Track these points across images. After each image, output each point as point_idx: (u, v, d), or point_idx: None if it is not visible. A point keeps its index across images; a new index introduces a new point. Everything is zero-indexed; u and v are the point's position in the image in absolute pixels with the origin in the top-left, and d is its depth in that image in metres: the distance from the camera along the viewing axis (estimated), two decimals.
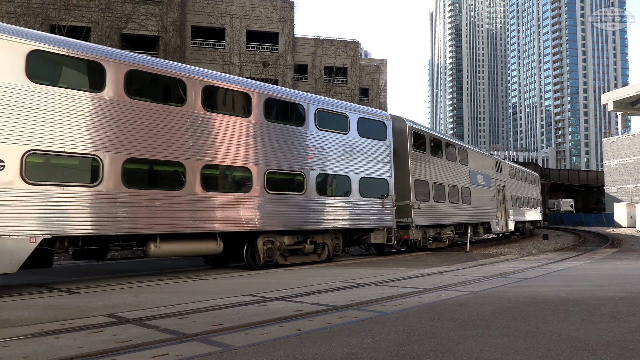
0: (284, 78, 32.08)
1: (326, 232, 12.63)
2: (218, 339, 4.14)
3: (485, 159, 23.51)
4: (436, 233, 17.49)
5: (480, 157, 22.74)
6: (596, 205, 67.06)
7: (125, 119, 8.71)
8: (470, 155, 21.20)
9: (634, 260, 13.65)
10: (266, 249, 10.90)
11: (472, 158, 21.31)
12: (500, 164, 25.87)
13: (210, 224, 9.77)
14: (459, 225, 19.51)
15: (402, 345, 3.86)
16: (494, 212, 23.31)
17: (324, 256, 12.61)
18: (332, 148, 12.77)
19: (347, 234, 13.62)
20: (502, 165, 26.25)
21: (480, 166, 22.13)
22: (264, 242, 10.91)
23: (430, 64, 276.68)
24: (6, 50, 7.61)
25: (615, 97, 53.06)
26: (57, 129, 7.93)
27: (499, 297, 6.25)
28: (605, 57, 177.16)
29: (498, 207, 24.11)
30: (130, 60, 9.09)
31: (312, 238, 12.17)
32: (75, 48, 8.49)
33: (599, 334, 4.16)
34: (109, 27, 27.01)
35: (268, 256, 10.92)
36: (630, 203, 43.77)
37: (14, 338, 4.31)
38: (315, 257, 12.42)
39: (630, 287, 7.19)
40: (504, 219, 25.33)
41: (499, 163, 25.60)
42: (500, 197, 24.70)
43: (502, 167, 26.43)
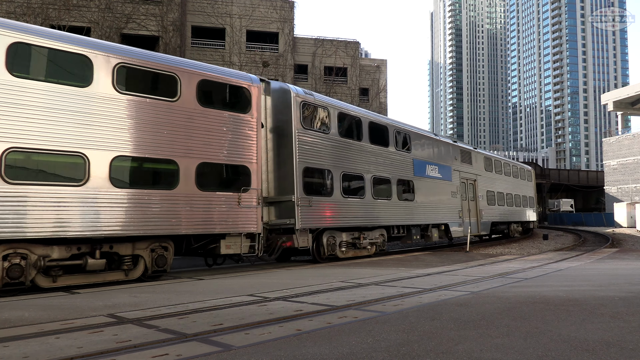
0: (284, 78, 32.08)
1: (141, 240, 9.00)
2: (218, 339, 4.14)
3: (443, 146, 19.21)
4: (353, 238, 13.73)
5: (433, 144, 18.44)
6: (596, 205, 67.06)
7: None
8: (415, 140, 17.02)
9: (634, 260, 13.65)
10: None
11: (419, 144, 17.25)
12: (469, 154, 21.73)
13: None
14: (397, 227, 15.71)
15: (402, 345, 3.86)
16: (457, 211, 19.32)
17: (136, 275, 9.01)
18: (143, 121, 8.92)
19: (183, 241, 9.89)
20: (472, 156, 22.04)
21: (433, 155, 18.13)
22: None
23: (430, 64, 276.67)
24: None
25: (615, 97, 53.06)
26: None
27: (499, 297, 6.25)
28: (605, 57, 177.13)
29: (464, 205, 20.09)
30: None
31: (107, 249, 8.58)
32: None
33: (599, 334, 4.16)
34: (109, 27, 27.01)
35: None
36: (630, 203, 43.76)
37: (14, 338, 4.31)
38: (121, 276, 8.85)
39: (630, 287, 7.19)
40: (476, 219, 21.31)
41: (466, 152, 21.46)
42: (467, 193, 20.68)
43: (473, 157, 22.22)
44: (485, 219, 22.38)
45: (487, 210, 22.67)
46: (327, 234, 12.76)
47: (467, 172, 20.99)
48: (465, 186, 20.56)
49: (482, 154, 23.63)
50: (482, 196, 22.21)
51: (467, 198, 20.64)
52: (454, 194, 19.36)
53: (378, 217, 14.55)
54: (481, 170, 22.68)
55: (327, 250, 12.68)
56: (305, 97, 12.41)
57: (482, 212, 21.99)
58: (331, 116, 13.20)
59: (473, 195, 21.41)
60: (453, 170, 19.61)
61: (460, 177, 20.24)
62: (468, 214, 20.43)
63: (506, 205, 25.67)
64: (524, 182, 29.83)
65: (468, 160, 21.43)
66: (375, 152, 14.79)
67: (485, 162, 23.56)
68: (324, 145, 12.75)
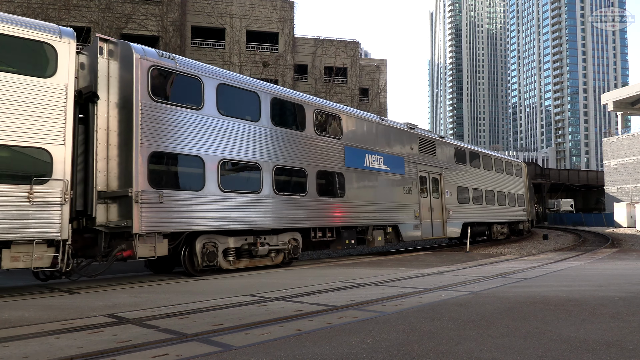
0: (284, 78, 32.10)
1: None
2: (218, 339, 4.14)
3: (393, 133, 15.94)
4: (248, 244, 11.00)
5: (378, 130, 15.24)
6: (596, 205, 67.07)
7: None
8: (349, 124, 14.09)
9: (634, 260, 13.66)
10: None
11: (354, 129, 14.27)
12: (432, 144, 18.35)
13: None
14: (320, 229, 12.81)
15: (402, 345, 3.86)
16: (412, 210, 16.21)
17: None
18: None
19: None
20: (436, 146, 18.65)
21: (377, 143, 15.01)
22: None
23: (430, 64, 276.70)
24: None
25: (615, 97, 53.06)
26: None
27: (499, 297, 6.25)
28: (605, 57, 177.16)
29: (423, 203, 17.01)
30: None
31: None
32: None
33: (599, 334, 4.16)
34: (109, 27, 27.02)
35: None
36: (630, 203, 43.76)
37: (14, 338, 4.31)
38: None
39: (630, 287, 7.19)
40: (441, 219, 18.16)
41: (428, 142, 18.11)
42: (429, 189, 17.63)
43: (439, 148, 18.82)
44: (455, 219, 19.08)
45: (457, 210, 19.34)
46: (204, 239, 9.99)
47: (428, 164, 17.73)
48: (426, 181, 17.48)
49: (451, 144, 20.20)
50: (450, 193, 18.99)
51: (429, 195, 17.54)
52: (408, 190, 16.19)
53: (284, 218, 11.61)
54: (450, 163, 19.41)
55: (201, 261, 9.84)
56: (159, 62, 9.57)
57: (450, 211, 18.78)
58: (206, 88, 10.29)
59: (438, 191, 18.24)
60: (407, 162, 16.34)
61: (419, 170, 17.01)
62: (429, 214, 17.35)
63: (485, 204, 22.20)
64: (512, 178, 26.32)
65: (430, 151, 18.12)
66: (281, 136, 11.82)
67: (457, 154, 20.20)
68: (191, 124, 9.85)
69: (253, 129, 11.23)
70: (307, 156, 12.53)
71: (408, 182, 16.27)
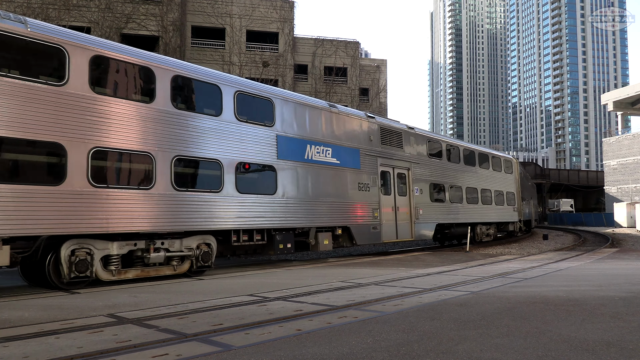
0: (284, 78, 32.11)
1: None
2: (218, 339, 4.14)
3: (345, 121, 14.06)
4: (140, 250, 9.13)
5: (324, 117, 13.37)
6: (596, 205, 67.09)
7: None
8: (284, 109, 12.19)
9: (634, 260, 13.66)
10: None
11: (293, 116, 12.40)
12: (397, 135, 16.11)
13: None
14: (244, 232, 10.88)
15: (402, 345, 3.86)
16: (368, 209, 14.32)
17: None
18: None
19: None
20: (403, 137, 16.39)
21: (324, 132, 13.18)
22: None
23: (430, 64, 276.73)
24: None
25: (615, 97, 53.07)
26: None
27: (499, 297, 6.25)
28: (605, 57, 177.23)
29: (385, 202, 15.04)
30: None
31: None
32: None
33: (599, 334, 4.15)
34: (109, 27, 27.03)
35: None
36: (630, 203, 43.77)
37: (14, 338, 4.31)
38: None
39: (630, 287, 7.18)
40: (409, 220, 16.07)
41: (392, 132, 15.92)
42: (394, 186, 15.59)
43: (406, 139, 16.54)
44: (426, 219, 16.90)
45: (429, 209, 17.20)
46: (73, 244, 8.12)
47: (392, 158, 15.62)
48: (389, 177, 15.46)
49: (424, 135, 17.88)
50: (420, 190, 16.80)
51: (393, 192, 15.54)
52: (365, 187, 14.25)
53: (189, 218, 9.72)
54: (421, 157, 17.20)
55: (68, 271, 7.96)
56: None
57: (420, 210, 16.63)
58: (71, 58, 8.27)
59: (405, 189, 16.13)
60: (364, 155, 14.41)
61: (380, 164, 15.00)
62: (393, 214, 15.37)
63: (466, 203, 19.97)
64: (500, 175, 23.85)
65: (395, 143, 15.93)
66: (182, 122, 9.85)
67: (430, 147, 17.93)
68: (39, 101, 7.78)
69: (141, 111, 9.27)
70: (223, 146, 10.50)
71: (365, 178, 14.30)
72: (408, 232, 16.05)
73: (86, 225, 8.13)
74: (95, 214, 8.23)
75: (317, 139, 13.00)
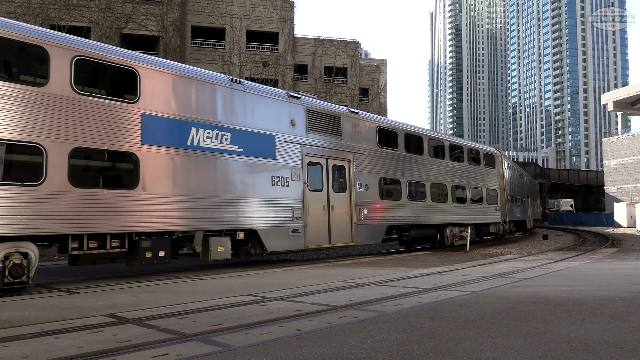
0: (284, 78, 32.12)
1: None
2: (218, 339, 4.14)
3: (256, 102, 11.53)
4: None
5: (222, 96, 10.82)
6: (596, 205, 67.14)
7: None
8: (155, 81, 9.64)
9: (634, 260, 13.66)
10: None
11: (168, 90, 9.79)
12: (335, 119, 13.59)
13: None
14: (90, 236, 8.52)
15: (402, 345, 3.86)
16: (286, 208, 11.87)
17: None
18: None
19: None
20: (343, 122, 13.82)
21: (215, 112, 10.61)
22: None
23: (430, 64, 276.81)
24: None
25: (615, 97, 53.10)
26: None
27: (499, 297, 6.25)
28: (605, 57, 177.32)
29: (314, 199, 12.68)
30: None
31: None
32: None
33: (599, 334, 4.16)
34: (109, 27, 27.04)
35: None
36: (630, 203, 43.79)
37: (14, 338, 4.31)
38: None
39: (630, 287, 7.19)
40: (348, 221, 13.63)
41: (325, 116, 13.36)
42: (328, 181, 13.18)
43: (348, 125, 13.98)
44: (372, 220, 14.41)
45: (376, 208, 14.65)
46: None
47: (325, 147, 13.20)
48: (321, 170, 13.03)
49: (372, 121, 15.13)
50: (366, 186, 14.19)
51: (327, 188, 13.08)
52: (283, 182, 11.83)
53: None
54: (368, 147, 14.56)
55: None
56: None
57: (365, 209, 14.10)
58: None
59: (344, 184, 13.72)
60: (283, 143, 11.94)
61: (307, 154, 12.53)
62: (325, 214, 12.92)
63: (431, 201, 17.18)
64: (479, 169, 20.89)
65: (330, 129, 13.43)
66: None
67: (381, 135, 15.14)
68: None
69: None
70: (47, 124, 8.04)
71: (283, 170, 11.86)
72: (346, 236, 13.52)
73: None
74: None
75: (210, 122, 10.44)
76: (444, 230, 18.20)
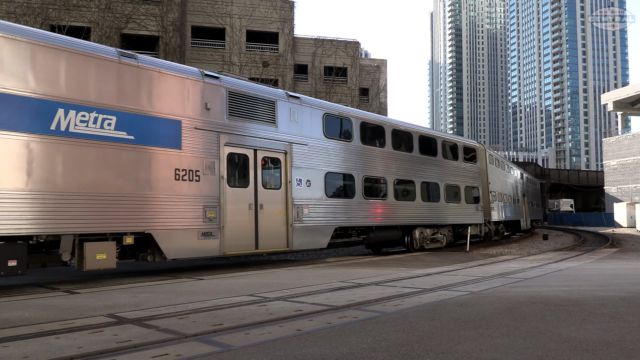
0: (284, 78, 32.12)
1: None
2: (218, 339, 4.14)
3: (155, 78, 9.73)
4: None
5: (101, 69, 9.02)
6: (596, 205, 67.16)
7: None
8: (2, 50, 7.80)
9: (634, 260, 13.66)
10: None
11: (20, 60, 8.01)
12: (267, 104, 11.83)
13: None
14: None
15: (402, 345, 3.86)
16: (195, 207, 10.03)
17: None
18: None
19: None
20: (279, 108, 12.08)
21: (101, 91, 8.95)
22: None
23: (430, 64, 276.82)
24: None
25: (615, 97, 53.10)
26: None
27: (499, 297, 6.25)
28: (605, 57, 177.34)
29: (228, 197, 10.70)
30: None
31: None
32: None
33: (599, 334, 4.16)
34: (109, 27, 27.04)
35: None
36: (630, 203, 43.80)
37: (14, 338, 4.31)
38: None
39: (630, 287, 7.19)
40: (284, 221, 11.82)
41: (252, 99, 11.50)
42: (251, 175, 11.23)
43: (285, 110, 12.23)
44: (316, 221, 12.62)
45: (321, 207, 12.84)
46: None
47: (254, 136, 11.35)
48: (246, 162, 11.22)
49: (316, 107, 13.20)
50: (307, 182, 12.49)
51: (254, 184, 11.27)
52: (192, 175, 10.06)
53: None
54: (311, 137, 12.78)
55: None
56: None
57: (305, 209, 12.42)
58: None
59: (278, 179, 11.95)
60: (192, 130, 10.13)
61: (226, 144, 10.72)
62: (252, 213, 11.11)
63: (394, 199, 15.27)
64: (456, 165, 18.80)
65: (260, 115, 11.62)
66: None
67: (329, 124, 13.40)
68: None
69: None
70: None
71: (191, 162, 10.08)
72: (280, 239, 11.72)
73: None
74: None
75: (86, 102, 8.71)
76: (413, 232, 16.29)
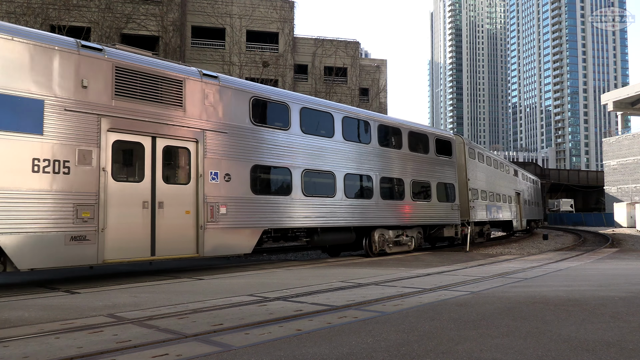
0: (284, 78, 32.11)
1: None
2: (218, 339, 4.14)
3: (6, 49, 7.81)
4: None
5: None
6: (596, 205, 67.15)
7: None
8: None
9: (634, 260, 13.66)
10: None
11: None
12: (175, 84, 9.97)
13: None
14: None
15: (402, 345, 3.86)
16: (55, 206, 8.04)
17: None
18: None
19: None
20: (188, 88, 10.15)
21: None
22: None
23: (430, 64, 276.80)
24: None
25: (615, 97, 53.09)
26: None
27: (499, 297, 6.25)
28: (605, 57, 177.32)
29: (111, 193, 8.83)
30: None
31: None
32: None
33: (599, 334, 4.16)
34: (109, 27, 27.04)
35: None
36: (630, 203, 43.79)
37: (14, 338, 4.31)
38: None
39: (630, 287, 7.19)
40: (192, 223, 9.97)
41: (152, 77, 9.61)
42: (146, 168, 9.47)
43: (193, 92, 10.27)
44: (237, 222, 10.71)
45: (244, 206, 10.92)
46: None
47: (152, 121, 9.50)
48: (142, 153, 9.41)
49: (241, 90, 11.27)
50: (223, 177, 10.55)
51: (153, 178, 9.47)
52: (57, 167, 8.15)
53: None
54: (233, 124, 10.86)
55: None
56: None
57: (222, 208, 10.46)
58: None
59: (186, 172, 10.09)
60: (62, 112, 8.29)
61: (112, 129, 8.92)
62: (148, 212, 9.28)
63: (345, 196, 13.51)
64: (426, 158, 16.85)
65: (162, 97, 9.76)
66: None
67: (256, 109, 11.47)
68: None
69: None
70: None
71: (59, 151, 8.19)
72: (186, 244, 9.88)
73: None
74: None
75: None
76: (372, 234, 14.62)
